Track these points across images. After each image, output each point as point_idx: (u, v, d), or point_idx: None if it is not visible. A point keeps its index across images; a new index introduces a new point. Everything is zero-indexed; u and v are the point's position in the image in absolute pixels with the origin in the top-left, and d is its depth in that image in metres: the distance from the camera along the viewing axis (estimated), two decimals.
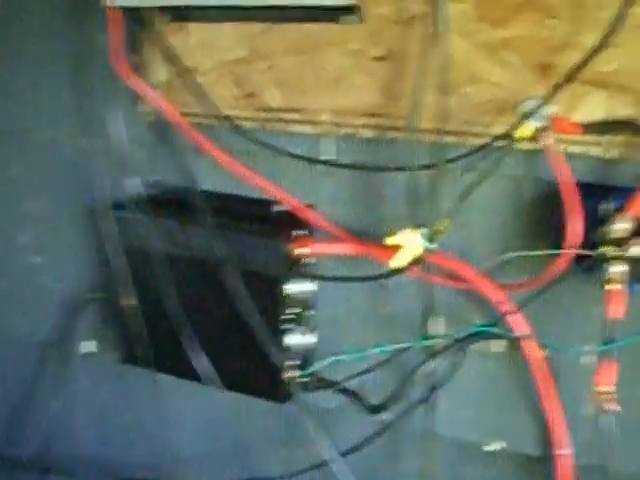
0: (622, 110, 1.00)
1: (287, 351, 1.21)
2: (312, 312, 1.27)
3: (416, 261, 1.09)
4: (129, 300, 1.30)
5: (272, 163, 1.24)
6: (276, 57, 1.16)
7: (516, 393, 1.19)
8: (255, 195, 1.26)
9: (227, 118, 1.19)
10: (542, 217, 1.11)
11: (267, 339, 1.18)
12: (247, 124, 1.21)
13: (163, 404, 1.40)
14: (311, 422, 1.24)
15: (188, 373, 1.31)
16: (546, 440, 1.18)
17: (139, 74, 1.24)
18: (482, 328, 1.10)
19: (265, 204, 1.26)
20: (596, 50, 0.93)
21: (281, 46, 1.15)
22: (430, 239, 1.07)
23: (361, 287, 1.25)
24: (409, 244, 1.07)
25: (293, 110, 1.17)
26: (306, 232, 1.23)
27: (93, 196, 1.35)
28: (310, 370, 1.19)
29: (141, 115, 1.28)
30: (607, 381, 1.01)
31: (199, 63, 1.21)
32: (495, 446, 1.23)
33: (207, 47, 1.19)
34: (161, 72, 1.24)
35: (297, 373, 1.20)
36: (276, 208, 1.24)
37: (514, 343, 1.16)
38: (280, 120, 1.18)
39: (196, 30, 1.20)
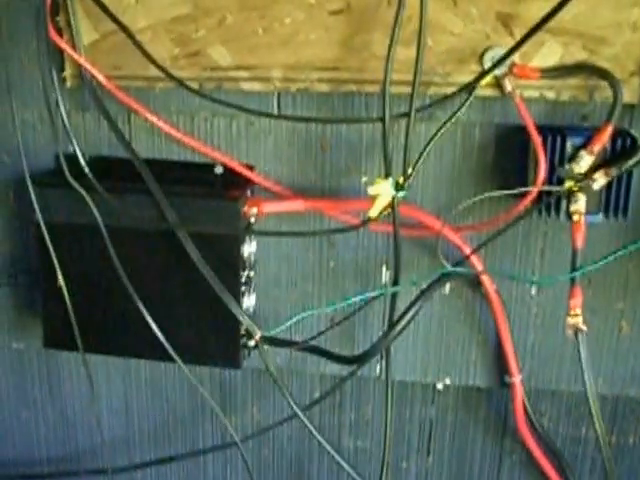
0: (576, 55, 1.11)
1: (246, 314, 1.22)
2: (253, 272, 1.29)
3: (385, 210, 1.14)
4: (55, 280, 1.24)
5: (210, 124, 1.24)
6: (224, 13, 1.15)
7: (464, 331, 1.29)
8: (194, 159, 1.26)
9: (171, 77, 1.17)
10: (496, 160, 1.20)
11: (231, 303, 1.18)
12: (190, 84, 1.20)
13: (87, 388, 1.36)
14: (271, 380, 1.24)
15: (128, 350, 1.28)
16: (493, 371, 1.30)
17: (64, 34, 1.19)
18: (450, 270, 1.17)
19: (205, 167, 1.25)
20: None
21: (230, 2, 1.14)
22: (396, 188, 1.13)
23: (302, 244, 1.29)
24: (383, 193, 1.12)
25: (243, 68, 1.17)
26: (251, 191, 1.24)
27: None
28: (277, 330, 1.20)
29: (67, 79, 1.22)
30: (577, 304, 1.13)
31: (132, 21, 1.17)
32: (445, 383, 1.32)
33: (142, 4, 1.16)
34: (89, 32, 1.19)
35: (258, 335, 1.20)
36: (218, 170, 1.24)
37: (467, 282, 1.25)
38: (228, 79, 1.19)
39: None
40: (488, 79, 1.12)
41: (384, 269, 1.27)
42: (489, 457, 1.41)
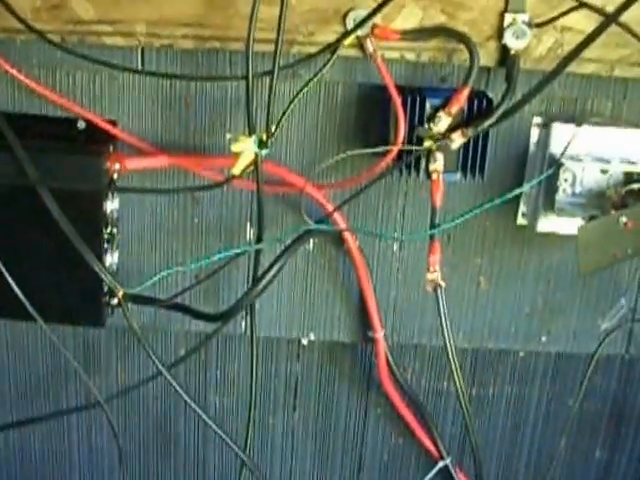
0: (435, 18, 1.23)
1: (109, 272, 1.31)
2: (116, 230, 1.37)
3: (248, 167, 1.24)
4: None
5: (72, 78, 1.31)
6: None
7: (328, 287, 1.42)
8: (55, 113, 1.33)
9: (32, 29, 1.23)
10: (358, 119, 1.32)
11: (92, 260, 1.25)
12: (52, 38, 1.26)
13: None
14: (135, 339, 1.33)
15: None
16: (357, 326, 1.43)
17: None
18: (313, 227, 1.29)
19: (67, 122, 1.32)
20: None
21: None
22: (259, 145, 1.23)
23: (166, 200, 1.38)
24: (246, 151, 1.22)
25: (106, 22, 1.25)
26: (114, 147, 1.32)
27: None
28: (140, 288, 1.28)
29: None
30: (435, 261, 1.26)
31: None
32: (309, 338, 1.45)
33: None
34: None
35: (121, 293, 1.29)
36: (80, 125, 1.32)
37: (330, 239, 1.38)
38: (91, 33, 1.25)
39: None
40: (351, 39, 1.23)
41: (248, 226, 1.38)
42: (355, 411, 1.54)
